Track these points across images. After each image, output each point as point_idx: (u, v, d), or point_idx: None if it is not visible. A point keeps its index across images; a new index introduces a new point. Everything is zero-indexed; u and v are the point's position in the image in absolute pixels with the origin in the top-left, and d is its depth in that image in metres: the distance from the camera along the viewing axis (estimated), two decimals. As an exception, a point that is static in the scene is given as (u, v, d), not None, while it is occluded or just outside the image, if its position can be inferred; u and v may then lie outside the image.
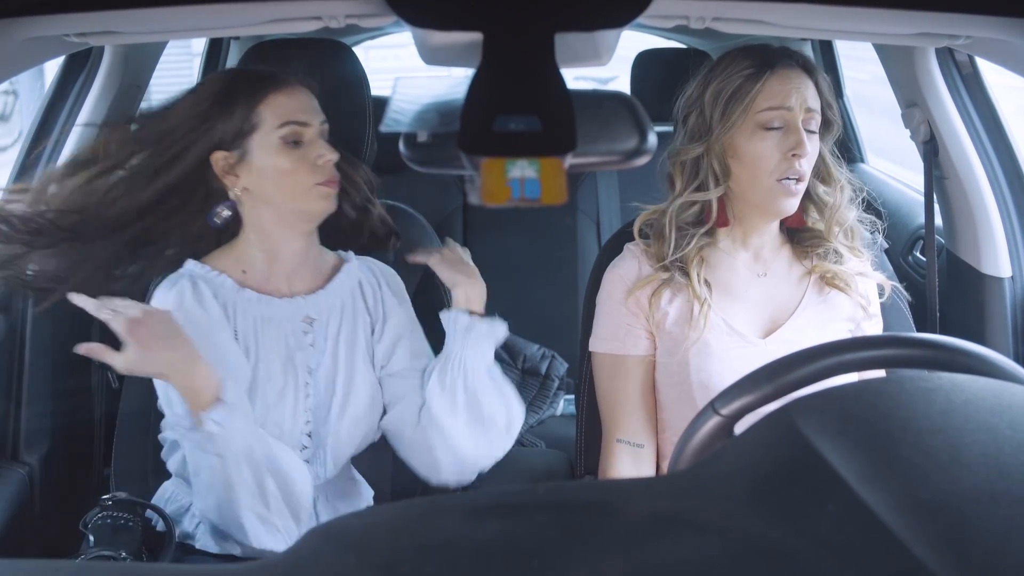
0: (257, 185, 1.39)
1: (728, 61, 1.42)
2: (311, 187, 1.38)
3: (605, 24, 0.71)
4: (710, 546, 0.50)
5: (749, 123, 1.38)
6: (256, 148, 1.37)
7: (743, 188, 1.42)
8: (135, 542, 1.32)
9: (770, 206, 1.41)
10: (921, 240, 2.04)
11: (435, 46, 0.79)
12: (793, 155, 1.37)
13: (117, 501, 1.36)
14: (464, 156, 0.63)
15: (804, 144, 1.37)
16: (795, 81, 1.39)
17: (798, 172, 1.38)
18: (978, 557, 0.46)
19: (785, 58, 1.40)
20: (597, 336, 1.51)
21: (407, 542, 0.51)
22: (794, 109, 1.38)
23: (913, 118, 1.82)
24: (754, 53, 1.41)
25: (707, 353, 1.41)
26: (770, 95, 1.38)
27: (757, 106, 1.38)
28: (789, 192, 1.39)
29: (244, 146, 1.37)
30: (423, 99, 0.75)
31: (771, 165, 1.38)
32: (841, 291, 1.48)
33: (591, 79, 6.04)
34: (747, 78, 1.38)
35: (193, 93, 1.41)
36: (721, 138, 1.40)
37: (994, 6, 0.95)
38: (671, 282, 1.43)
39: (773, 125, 1.38)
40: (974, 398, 0.60)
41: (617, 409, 1.48)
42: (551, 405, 2.39)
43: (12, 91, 7.04)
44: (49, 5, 0.94)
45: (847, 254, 1.48)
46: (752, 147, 1.39)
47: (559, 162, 0.63)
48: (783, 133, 1.38)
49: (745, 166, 1.40)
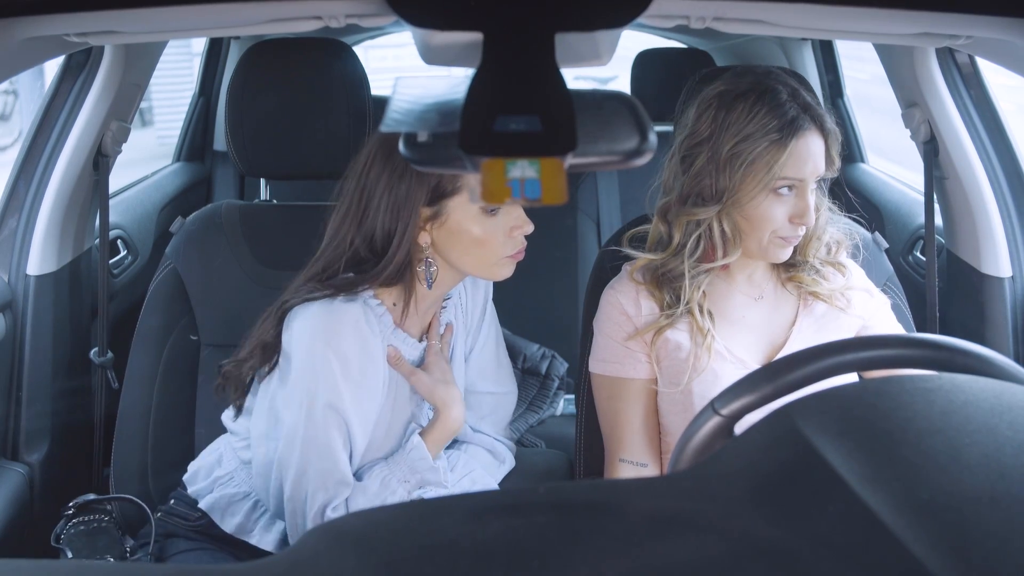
0: (445, 244, 1.37)
1: (750, 115, 1.34)
2: (499, 258, 1.38)
3: (605, 24, 0.71)
4: (710, 546, 0.50)
5: (767, 189, 1.35)
6: (454, 210, 1.35)
7: (744, 240, 1.40)
8: (116, 542, 1.32)
9: (766, 256, 1.41)
10: (921, 240, 2.04)
11: (435, 46, 0.79)
12: (798, 222, 1.36)
13: (79, 506, 1.35)
14: (464, 156, 0.63)
15: (810, 212, 1.35)
16: (812, 148, 1.34)
17: (798, 235, 1.38)
18: (978, 557, 0.46)
19: (808, 121, 1.34)
20: (596, 358, 1.49)
21: (407, 542, 0.51)
22: (806, 179, 1.35)
23: (913, 118, 1.82)
24: (781, 109, 1.33)
25: (710, 380, 1.39)
26: (788, 166, 1.33)
27: (775, 174, 1.33)
28: (787, 244, 1.39)
29: (441, 204, 1.35)
30: (423, 99, 0.75)
31: (775, 226, 1.36)
32: (829, 304, 1.46)
33: (591, 79, 6.05)
34: (771, 144, 1.32)
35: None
36: (741, 202, 1.35)
37: (994, 6, 0.95)
38: (674, 321, 1.42)
39: (783, 192, 1.35)
40: (974, 399, 0.60)
41: (619, 430, 1.46)
42: (551, 405, 2.39)
43: (12, 91, 7.05)
44: (49, 5, 0.94)
45: (830, 269, 1.47)
46: (760, 211, 1.35)
47: (559, 162, 0.63)
48: (792, 197, 1.35)
49: (748, 222, 1.37)
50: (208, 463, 1.52)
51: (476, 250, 1.36)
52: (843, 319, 1.47)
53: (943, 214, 1.92)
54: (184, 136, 2.91)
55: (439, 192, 1.34)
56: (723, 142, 1.34)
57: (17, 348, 1.83)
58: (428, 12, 0.70)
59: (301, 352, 1.35)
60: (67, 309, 1.93)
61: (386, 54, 6.14)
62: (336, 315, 1.34)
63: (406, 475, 1.40)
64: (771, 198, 1.35)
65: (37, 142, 1.89)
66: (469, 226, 1.35)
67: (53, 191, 1.86)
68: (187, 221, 1.77)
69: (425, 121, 0.72)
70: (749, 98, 1.34)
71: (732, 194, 1.35)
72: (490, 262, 1.38)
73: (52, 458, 1.85)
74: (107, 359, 1.93)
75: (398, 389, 1.42)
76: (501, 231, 1.36)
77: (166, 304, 1.72)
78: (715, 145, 1.35)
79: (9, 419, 1.81)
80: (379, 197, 1.35)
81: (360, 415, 1.35)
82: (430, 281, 1.39)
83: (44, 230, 1.85)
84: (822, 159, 1.36)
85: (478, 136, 0.63)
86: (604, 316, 1.48)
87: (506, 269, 1.39)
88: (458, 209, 1.35)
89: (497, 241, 1.36)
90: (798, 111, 1.34)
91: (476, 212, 1.34)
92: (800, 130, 1.33)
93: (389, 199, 1.34)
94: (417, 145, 0.73)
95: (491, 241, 1.36)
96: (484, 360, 1.59)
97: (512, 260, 1.39)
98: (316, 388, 1.33)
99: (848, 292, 1.48)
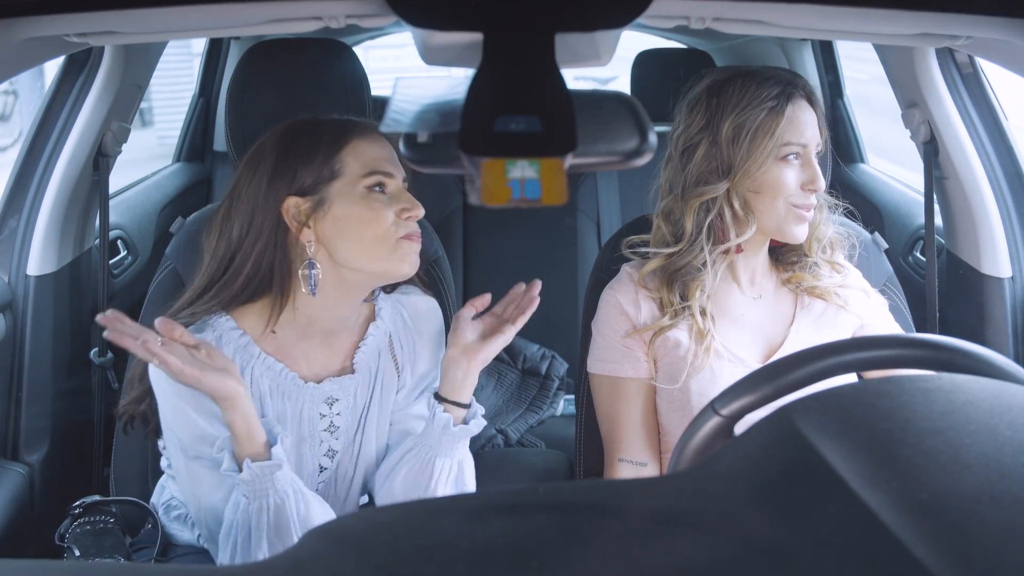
0: (332, 236, 1.27)
1: (741, 92, 1.37)
2: (395, 242, 1.28)
3: (605, 24, 0.71)
4: (710, 546, 0.50)
5: (772, 156, 1.36)
6: (337, 196, 1.27)
7: (758, 215, 1.40)
8: (120, 544, 1.32)
9: (784, 232, 1.40)
10: (921, 240, 2.04)
11: (435, 46, 0.79)
12: (810, 188, 1.37)
13: (86, 506, 1.35)
14: (464, 156, 0.63)
15: (820, 178, 1.37)
16: (806, 117, 1.38)
17: (812, 203, 1.39)
18: (978, 557, 0.46)
19: (798, 89, 1.38)
20: (595, 358, 1.49)
21: (407, 542, 0.51)
22: (808, 145, 1.37)
23: (913, 118, 1.82)
24: (767, 83, 1.37)
25: (708, 379, 1.40)
26: (791, 130, 1.36)
27: (780, 139, 1.35)
28: (802, 219, 1.39)
29: (322, 192, 1.27)
30: (423, 99, 0.75)
31: (788, 192, 1.37)
32: (826, 302, 1.47)
33: (591, 79, 6.05)
34: (770, 111, 1.35)
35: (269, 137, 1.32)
36: (753, 172, 1.36)
37: (994, 6, 0.95)
38: (676, 322, 1.42)
39: (792, 159, 1.37)
40: (974, 399, 0.60)
41: (618, 430, 1.46)
42: (551, 405, 2.40)
43: (12, 91, 7.05)
44: (49, 5, 0.94)
45: (827, 268, 1.48)
46: (772, 177, 1.36)
47: (559, 162, 0.63)
48: (800, 166, 1.37)
49: (763, 195, 1.38)
50: (160, 484, 1.50)
51: (368, 233, 1.26)
52: (841, 317, 1.47)
53: (943, 214, 1.92)
54: (184, 136, 2.91)
55: (317, 179, 1.26)
56: (722, 122, 1.37)
57: (17, 348, 1.83)
58: (428, 12, 0.70)
59: (156, 393, 1.27)
60: (67, 309, 1.93)
61: (386, 54, 6.14)
62: None
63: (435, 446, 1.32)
64: (780, 165, 1.37)
65: (37, 142, 1.89)
66: (356, 209, 1.26)
67: (53, 191, 1.86)
68: (187, 221, 1.77)
69: (425, 121, 0.72)
70: (736, 80, 1.39)
71: (741, 166, 1.36)
72: (386, 248, 1.27)
73: (52, 458, 1.85)
74: (107, 359, 1.93)
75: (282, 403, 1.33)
76: (391, 211, 1.27)
77: (166, 304, 1.72)
78: (714, 129, 1.38)
79: (9, 419, 1.81)
80: (239, 206, 1.27)
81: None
82: (313, 285, 1.28)
83: (44, 230, 1.86)
84: (816, 128, 1.39)
85: (478, 136, 0.63)
86: (603, 316, 1.48)
87: (408, 257, 1.28)
88: (341, 193, 1.26)
89: (388, 220, 1.26)
90: (785, 82, 1.38)
91: (361, 192, 1.26)
92: (793, 96, 1.37)
93: (251, 204, 1.26)
94: (417, 145, 0.73)
95: (382, 220, 1.26)
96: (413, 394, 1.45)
97: (411, 243, 1.28)
98: (178, 431, 1.25)
99: (844, 291, 1.48)
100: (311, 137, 1.29)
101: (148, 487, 1.66)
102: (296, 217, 1.27)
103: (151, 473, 1.67)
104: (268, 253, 1.28)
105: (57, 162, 1.86)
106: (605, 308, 1.48)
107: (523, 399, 2.39)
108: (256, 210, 1.27)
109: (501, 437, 2.19)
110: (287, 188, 1.27)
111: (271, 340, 1.33)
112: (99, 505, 1.36)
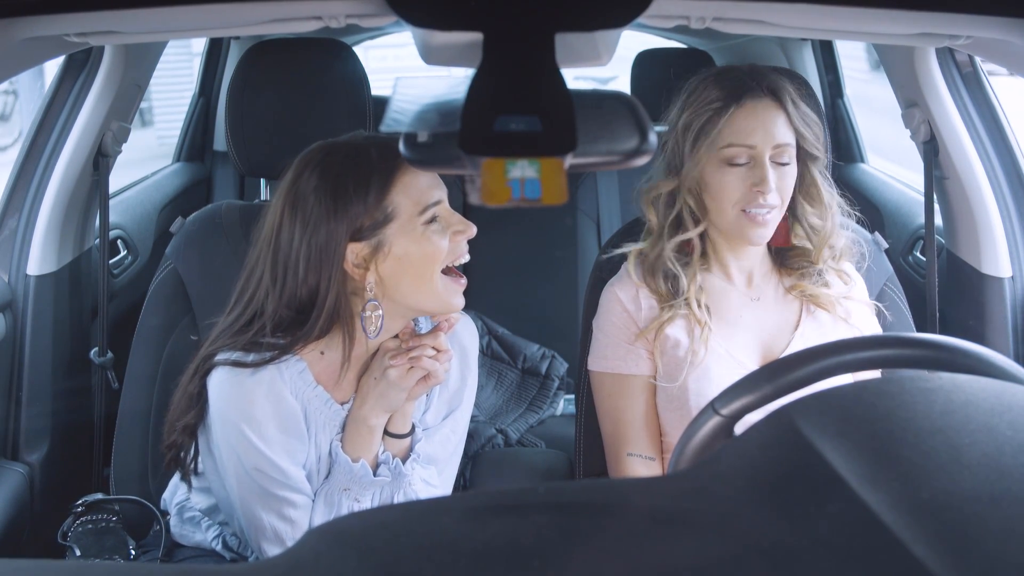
0: (393, 278, 1.27)
1: (701, 90, 1.40)
2: (441, 276, 1.28)
3: (605, 24, 0.71)
4: (710, 546, 0.50)
5: (715, 158, 1.37)
6: (395, 237, 1.25)
7: (713, 218, 1.42)
8: (123, 543, 1.32)
9: (739, 236, 1.41)
10: (921, 240, 2.04)
11: (435, 46, 0.79)
12: (757, 190, 1.36)
13: (89, 504, 1.35)
14: (464, 156, 0.63)
15: (768, 180, 1.35)
16: (761, 116, 1.36)
17: (764, 205, 1.37)
18: (978, 557, 0.46)
19: (754, 88, 1.37)
20: (596, 355, 1.49)
21: (407, 542, 0.51)
22: (758, 147, 1.36)
23: (913, 118, 1.82)
24: (723, 82, 1.39)
25: (706, 379, 1.40)
26: (734, 132, 1.36)
27: (721, 142, 1.36)
28: (756, 222, 1.38)
29: (379, 235, 1.25)
30: (423, 99, 0.75)
31: (735, 196, 1.37)
32: (830, 312, 1.46)
33: (591, 79, 6.04)
34: (714, 112, 1.37)
35: (302, 175, 1.28)
36: (692, 172, 1.39)
37: (994, 6, 0.95)
38: (675, 315, 1.43)
39: (738, 161, 1.37)
40: (974, 398, 0.60)
41: (623, 427, 1.46)
42: (551, 405, 2.39)
43: (12, 91, 7.04)
44: (49, 5, 0.94)
45: (835, 278, 1.47)
46: (716, 181, 1.38)
47: (559, 162, 0.63)
48: (749, 167, 1.37)
49: (712, 198, 1.40)
50: (173, 483, 1.50)
51: (429, 269, 1.26)
52: (841, 329, 1.46)
53: (943, 214, 1.92)
54: (184, 136, 2.91)
55: (373, 223, 1.25)
56: (679, 121, 1.42)
57: (17, 348, 1.83)
58: (428, 12, 0.70)
59: (217, 422, 1.28)
60: (67, 309, 1.93)
61: (386, 54, 6.14)
62: (246, 387, 1.25)
63: (343, 484, 1.32)
64: (724, 168, 1.38)
65: (37, 142, 1.89)
66: (415, 247, 1.26)
67: (53, 191, 1.86)
68: (187, 221, 1.77)
69: (425, 121, 0.72)
70: (708, 79, 1.41)
71: (686, 165, 1.40)
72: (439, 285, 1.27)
73: (52, 458, 1.85)
74: (107, 359, 1.93)
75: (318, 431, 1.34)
76: (446, 240, 1.27)
77: (166, 304, 1.72)
78: (674, 127, 1.42)
79: (9, 419, 1.81)
80: (296, 255, 1.26)
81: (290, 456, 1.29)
82: (378, 330, 1.28)
83: (44, 230, 1.85)
84: (779, 126, 1.37)
85: (478, 136, 0.63)
86: (604, 313, 1.48)
87: (456, 295, 1.29)
88: (399, 234, 1.26)
89: (445, 249, 1.27)
90: (746, 82, 1.38)
91: (419, 230, 1.26)
92: (742, 98, 1.37)
93: (308, 252, 1.25)
94: (418, 145, 0.73)
95: (440, 251, 1.26)
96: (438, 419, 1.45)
97: (455, 284, 1.29)
98: (238, 455, 1.27)
99: (849, 302, 1.47)
100: (356, 178, 1.25)
101: (148, 487, 1.66)
102: (356, 263, 1.27)
103: (151, 473, 1.67)
104: (334, 300, 1.27)
105: (57, 162, 1.86)
106: (606, 305, 1.48)
107: (523, 399, 2.39)
108: (322, 254, 1.25)
109: (501, 437, 2.19)
110: (345, 238, 1.25)
111: (318, 361, 1.32)
112: (101, 504, 1.36)
